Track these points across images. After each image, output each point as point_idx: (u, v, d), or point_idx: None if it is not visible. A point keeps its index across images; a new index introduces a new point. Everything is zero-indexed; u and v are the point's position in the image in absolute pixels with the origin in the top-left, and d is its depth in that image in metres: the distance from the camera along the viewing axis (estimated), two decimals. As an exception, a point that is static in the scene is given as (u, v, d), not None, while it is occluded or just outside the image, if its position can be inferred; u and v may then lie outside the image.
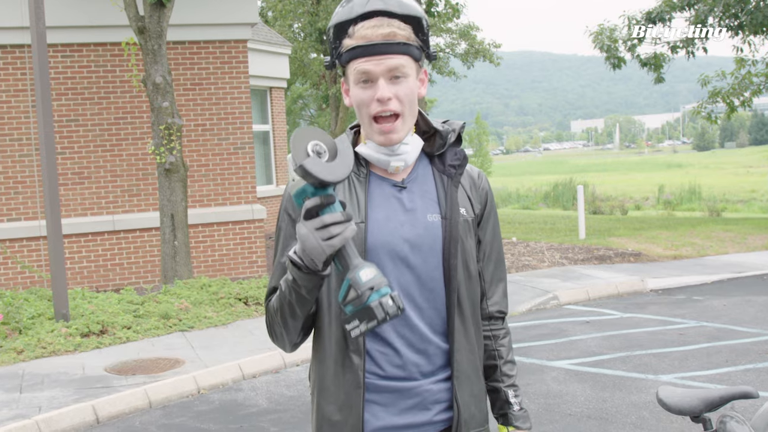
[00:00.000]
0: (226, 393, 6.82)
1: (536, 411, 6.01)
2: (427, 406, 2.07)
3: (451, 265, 2.06)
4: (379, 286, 1.76)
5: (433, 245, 2.07)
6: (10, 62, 11.02)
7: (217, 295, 9.72)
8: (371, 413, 2.05)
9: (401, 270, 2.04)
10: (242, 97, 12.01)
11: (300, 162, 1.74)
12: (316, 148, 1.78)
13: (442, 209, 2.10)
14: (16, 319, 8.37)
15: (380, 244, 2.03)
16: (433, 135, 2.17)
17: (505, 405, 2.22)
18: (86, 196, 11.36)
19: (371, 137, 2.06)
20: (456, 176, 2.14)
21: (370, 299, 1.75)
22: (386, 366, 2.05)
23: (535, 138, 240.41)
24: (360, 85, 2.02)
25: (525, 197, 32.12)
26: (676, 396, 2.71)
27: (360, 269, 1.77)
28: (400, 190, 2.10)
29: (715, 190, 32.13)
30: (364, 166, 2.11)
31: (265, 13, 24.39)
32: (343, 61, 2.04)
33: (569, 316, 9.41)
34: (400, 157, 2.07)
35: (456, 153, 2.16)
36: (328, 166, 1.77)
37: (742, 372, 6.81)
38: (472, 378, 2.13)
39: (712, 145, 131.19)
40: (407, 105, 2.03)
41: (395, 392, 2.05)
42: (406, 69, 2.01)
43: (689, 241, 14.80)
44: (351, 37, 2.01)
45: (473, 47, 26.21)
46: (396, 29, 1.99)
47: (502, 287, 2.27)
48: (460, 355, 2.09)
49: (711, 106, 17.98)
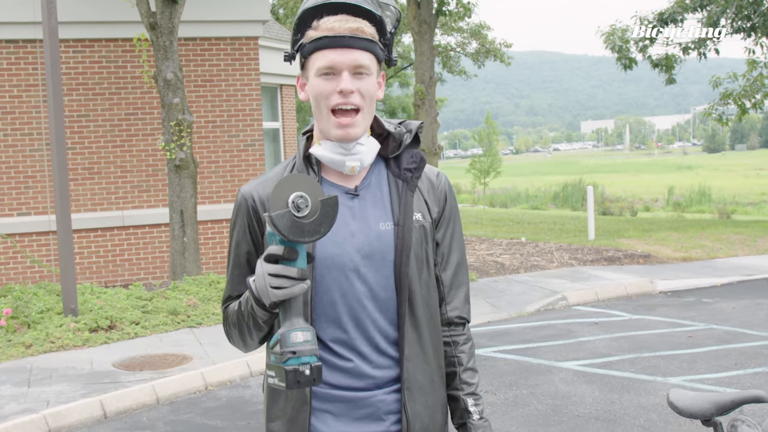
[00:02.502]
0: (234, 389, 6.83)
1: (544, 412, 5.99)
2: (381, 417, 2.04)
3: (402, 273, 2.02)
4: (303, 353, 1.74)
5: (385, 255, 2.02)
6: (22, 57, 11.04)
7: (225, 291, 9.72)
8: (322, 421, 2.03)
9: (352, 281, 2.01)
10: (253, 94, 12.02)
11: (273, 212, 1.72)
12: (298, 201, 1.73)
13: (394, 216, 2.04)
14: (25, 313, 8.39)
15: (329, 257, 1.99)
16: (387, 137, 2.11)
17: (464, 414, 2.13)
18: (96, 191, 11.38)
19: (328, 132, 2.00)
20: (412, 180, 2.08)
21: (287, 362, 1.74)
22: (337, 376, 2.02)
23: (545, 138, 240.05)
24: (322, 77, 1.97)
25: (534, 197, 32.11)
26: (687, 399, 2.69)
27: (293, 330, 1.76)
28: (352, 198, 2.05)
29: (725, 192, 32.03)
30: (316, 173, 2.06)
31: (277, 10, 24.39)
32: (305, 52, 1.99)
33: (578, 317, 9.39)
34: (355, 157, 2.01)
35: (412, 156, 2.10)
36: (300, 225, 1.74)
37: (751, 375, 6.78)
38: (425, 388, 2.07)
39: (723, 147, 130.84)
40: (368, 102, 1.99)
41: (347, 402, 2.03)
42: (370, 66, 1.97)
43: (699, 243, 14.75)
44: (316, 29, 1.97)
45: (484, 46, 26.18)
46: (363, 26, 1.97)
47: (462, 292, 2.19)
48: (412, 365, 2.04)
49: (722, 107, 17.90)
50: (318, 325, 2.01)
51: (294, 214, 1.73)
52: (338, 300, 2.01)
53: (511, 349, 7.87)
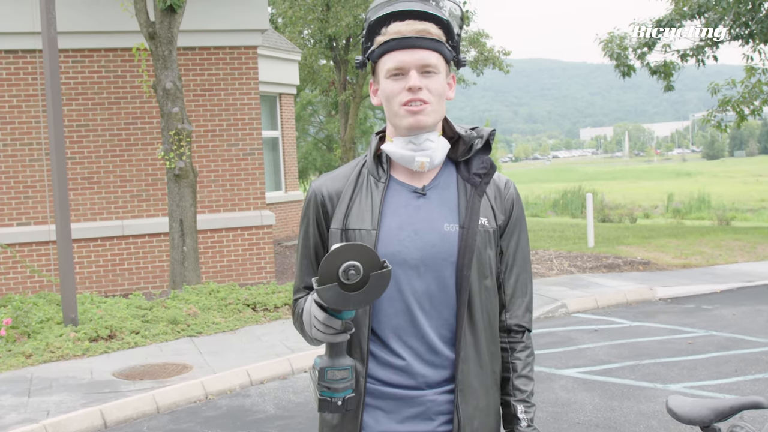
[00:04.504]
0: (234, 399, 6.82)
1: (544, 419, 5.99)
2: (431, 417, 2.06)
3: (463, 276, 2.04)
4: (337, 390, 1.87)
5: (447, 256, 2.04)
6: (21, 67, 11.07)
7: (225, 300, 9.73)
8: (373, 418, 2.06)
9: (412, 279, 2.03)
10: (252, 103, 12.04)
11: (320, 285, 1.77)
12: (349, 272, 1.76)
13: (460, 218, 2.07)
14: (24, 323, 8.39)
15: (390, 254, 2.02)
16: (458, 141, 2.14)
17: (513, 420, 2.15)
18: (96, 200, 11.39)
19: (399, 125, 2.05)
20: (481, 185, 2.11)
21: (323, 393, 1.88)
22: (390, 374, 2.05)
23: (544, 146, 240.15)
24: (391, 78, 2.03)
25: (534, 205, 32.06)
26: (686, 405, 2.69)
27: (333, 368, 1.88)
28: (419, 197, 2.08)
29: (724, 198, 32.01)
30: (386, 171, 2.10)
31: (276, 19, 24.43)
32: (374, 57, 2.06)
33: (578, 324, 9.39)
34: (425, 153, 2.05)
35: (483, 161, 2.13)
36: (346, 297, 1.78)
37: (751, 382, 6.78)
38: (479, 391, 2.09)
39: (722, 153, 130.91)
40: (436, 98, 2.03)
41: (398, 400, 2.05)
42: (437, 65, 2.02)
43: (698, 249, 14.75)
44: (384, 34, 2.04)
45: (483, 54, 26.20)
46: (428, 27, 2.02)
47: (524, 301, 2.20)
48: (466, 367, 2.06)
49: (721, 114, 17.92)
50: (375, 319, 2.06)
51: (342, 282, 1.76)
52: (396, 297, 2.04)
53: (511, 357, 7.86)
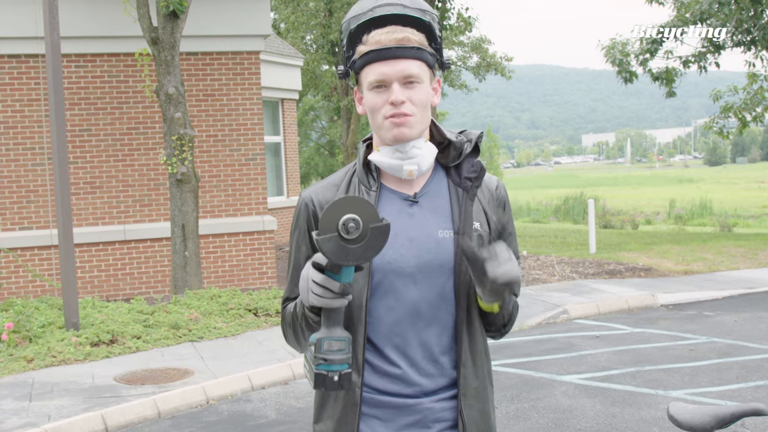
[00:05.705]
0: (235, 404, 6.82)
1: (545, 426, 5.98)
2: (428, 425, 2.05)
3: (461, 281, 2.03)
4: (334, 362, 1.81)
5: (443, 262, 2.04)
6: (24, 72, 11.09)
7: (227, 305, 9.73)
8: (370, 427, 2.05)
9: (409, 287, 2.02)
10: (254, 108, 12.06)
11: (320, 235, 1.74)
12: (349, 225, 1.74)
13: (454, 224, 2.06)
14: (26, 327, 8.40)
15: (385, 262, 2.01)
16: (448, 146, 2.13)
17: None
18: (98, 205, 11.41)
19: (384, 137, 2.04)
20: (472, 189, 2.10)
21: (318, 366, 1.82)
22: (386, 382, 2.04)
23: (546, 151, 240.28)
24: (374, 91, 2.01)
25: (536, 211, 32.03)
26: (687, 412, 2.69)
27: (329, 338, 1.82)
28: (411, 204, 2.07)
29: (726, 205, 31.98)
30: (375, 180, 2.08)
31: (278, 24, 24.48)
32: (356, 67, 2.04)
33: (579, 330, 9.38)
34: (413, 161, 2.03)
35: (473, 165, 2.12)
36: (345, 249, 1.75)
37: (753, 389, 6.77)
38: (480, 395, 2.10)
39: (724, 160, 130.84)
40: (420, 109, 2.01)
41: (394, 408, 2.04)
42: (420, 74, 2.00)
43: (700, 256, 14.75)
44: (365, 44, 2.01)
45: (485, 60, 26.25)
46: (409, 35, 2.00)
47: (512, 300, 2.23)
48: (467, 372, 2.06)
49: (723, 121, 17.93)
50: (371, 328, 2.04)
51: (342, 236, 1.74)
52: (394, 305, 2.03)
53: (512, 363, 7.87)
